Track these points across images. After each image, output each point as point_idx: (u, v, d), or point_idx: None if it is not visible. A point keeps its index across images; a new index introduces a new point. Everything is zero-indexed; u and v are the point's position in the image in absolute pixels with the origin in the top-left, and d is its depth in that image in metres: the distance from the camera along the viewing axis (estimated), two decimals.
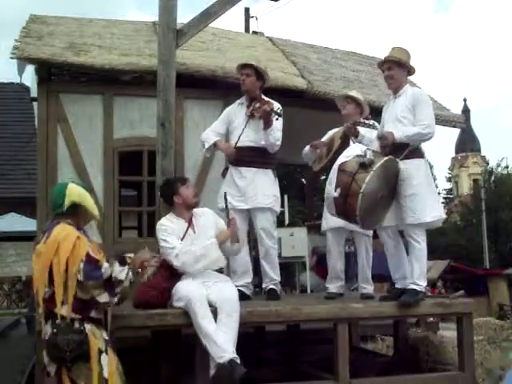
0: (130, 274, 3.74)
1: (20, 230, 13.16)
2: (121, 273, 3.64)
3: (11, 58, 6.24)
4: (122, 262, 3.73)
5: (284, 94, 6.46)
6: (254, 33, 11.32)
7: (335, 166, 5.05)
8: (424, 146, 5.21)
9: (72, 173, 6.18)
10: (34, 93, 6.97)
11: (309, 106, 7.02)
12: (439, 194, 40.07)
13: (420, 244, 5.03)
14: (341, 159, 5.08)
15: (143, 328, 4.62)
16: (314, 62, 8.42)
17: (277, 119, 5.37)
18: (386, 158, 4.91)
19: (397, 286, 5.28)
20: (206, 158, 6.40)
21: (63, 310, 3.49)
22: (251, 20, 14.46)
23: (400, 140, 4.95)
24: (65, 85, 6.51)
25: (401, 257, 5.22)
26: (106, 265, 3.62)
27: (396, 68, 5.21)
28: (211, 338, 4.22)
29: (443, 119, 7.63)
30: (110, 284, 3.60)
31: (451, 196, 46.79)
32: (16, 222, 13.69)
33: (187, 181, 5.09)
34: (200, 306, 4.33)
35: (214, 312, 4.40)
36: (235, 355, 4.17)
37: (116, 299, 3.66)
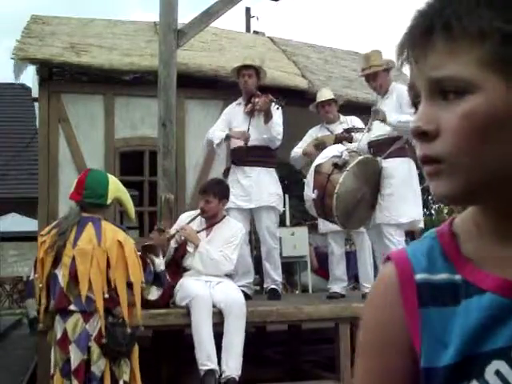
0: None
1: (21, 230, 13.16)
2: (161, 264, 3.77)
3: (12, 58, 6.24)
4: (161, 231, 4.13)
5: (285, 93, 6.46)
6: (255, 33, 11.30)
7: (312, 168, 5.05)
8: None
9: (73, 173, 6.19)
10: (35, 93, 6.97)
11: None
12: None
13: (395, 244, 4.94)
14: (317, 161, 5.08)
15: (145, 328, 4.62)
16: (315, 61, 8.42)
17: (277, 109, 5.36)
18: (360, 157, 4.93)
19: None
20: (207, 158, 6.41)
21: (116, 310, 3.48)
22: (252, 20, 14.40)
23: (390, 124, 4.89)
24: (66, 85, 6.51)
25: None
26: (156, 261, 3.74)
27: (381, 74, 5.17)
28: (204, 345, 4.25)
29: None
30: (157, 278, 3.69)
31: None
32: (17, 222, 13.68)
33: (204, 192, 4.91)
34: (203, 311, 4.36)
35: (217, 313, 4.41)
36: (215, 367, 4.19)
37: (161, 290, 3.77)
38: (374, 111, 5.01)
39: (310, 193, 5.00)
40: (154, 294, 3.77)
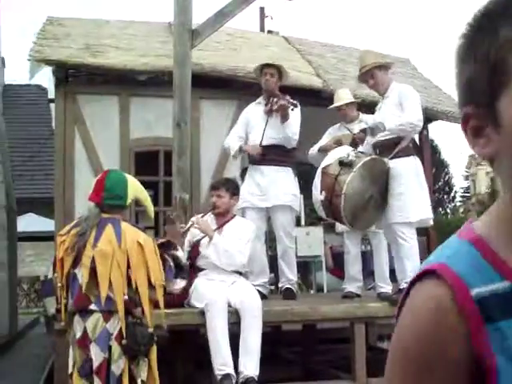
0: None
1: (38, 230, 13.28)
2: (184, 257, 3.84)
3: (28, 60, 6.31)
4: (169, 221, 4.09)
5: (300, 93, 6.46)
6: (269, 32, 11.30)
7: (319, 170, 5.08)
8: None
9: (89, 173, 6.23)
10: (51, 94, 7.04)
11: (324, 105, 7.01)
12: (456, 192, 39.81)
13: (409, 242, 4.95)
14: (324, 162, 5.10)
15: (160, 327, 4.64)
16: (330, 60, 8.40)
17: (292, 109, 5.36)
18: (367, 158, 4.93)
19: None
20: (222, 158, 6.42)
21: (138, 311, 3.48)
22: (266, 19, 14.40)
23: (391, 130, 4.91)
24: (82, 86, 6.56)
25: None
26: (179, 255, 3.87)
27: (378, 73, 5.17)
28: (220, 350, 4.26)
29: (459, 116, 7.57)
30: (181, 270, 3.73)
31: (468, 194, 46.47)
32: (34, 222, 13.80)
33: (215, 188, 4.96)
34: (219, 316, 4.36)
35: (234, 313, 4.42)
36: (232, 372, 4.20)
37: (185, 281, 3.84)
38: (372, 129, 5.01)
39: (317, 194, 5.02)
40: (178, 285, 3.84)
